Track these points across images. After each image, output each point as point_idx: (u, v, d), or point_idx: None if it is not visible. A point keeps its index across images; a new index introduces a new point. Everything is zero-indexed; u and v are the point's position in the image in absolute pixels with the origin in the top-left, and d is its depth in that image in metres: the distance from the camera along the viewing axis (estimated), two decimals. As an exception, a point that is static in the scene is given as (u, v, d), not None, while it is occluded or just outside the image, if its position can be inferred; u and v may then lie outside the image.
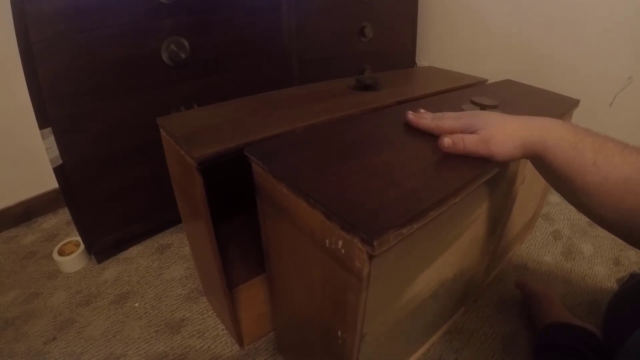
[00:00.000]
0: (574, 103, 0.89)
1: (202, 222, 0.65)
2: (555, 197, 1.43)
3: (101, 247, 1.11)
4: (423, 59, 1.87)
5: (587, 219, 0.55)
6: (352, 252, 0.42)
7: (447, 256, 0.65)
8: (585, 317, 0.95)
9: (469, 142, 0.54)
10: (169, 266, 1.12)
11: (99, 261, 1.12)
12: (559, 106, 0.86)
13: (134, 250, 1.18)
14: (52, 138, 0.88)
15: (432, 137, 0.60)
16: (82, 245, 1.09)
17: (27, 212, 1.29)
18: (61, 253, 1.09)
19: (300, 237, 0.53)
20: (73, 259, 1.08)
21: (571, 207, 0.56)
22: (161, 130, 0.70)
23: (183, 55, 0.99)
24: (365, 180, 0.49)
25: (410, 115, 0.65)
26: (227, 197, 0.84)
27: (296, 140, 0.62)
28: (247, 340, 0.88)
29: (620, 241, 0.52)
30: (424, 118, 0.63)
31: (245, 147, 0.58)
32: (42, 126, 0.86)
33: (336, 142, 0.61)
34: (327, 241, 0.46)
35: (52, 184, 1.02)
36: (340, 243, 0.43)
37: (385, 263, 0.45)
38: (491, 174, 0.55)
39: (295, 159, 0.55)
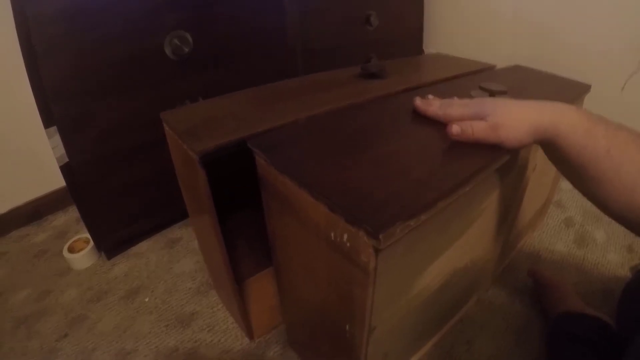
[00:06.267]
0: (585, 88, 0.87)
1: (207, 216, 0.64)
2: (566, 184, 1.40)
3: (111, 243, 1.11)
4: (430, 46, 1.84)
5: (600, 206, 0.54)
6: (358, 246, 0.41)
7: (457, 246, 0.64)
8: (598, 306, 0.94)
9: (477, 129, 0.53)
10: (178, 260, 1.12)
11: (109, 257, 1.13)
12: (569, 92, 0.84)
13: (143, 245, 1.18)
14: (57, 137, 0.88)
15: (439, 124, 0.59)
16: (92, 242, 1.10)
17: (37, 210, 1.30)
18: (71, 250, 1.10)
19: (305, 230, 0.52)
20: (83, 256, 1.09)
21: (583, 193, 0.55)
22: (164, 125, 0.69)
23: (186, 50, 0.98)
24: (371, 171, 0.47)
25: (418, 101, 0.64)
26: (235, 190, 0.84)
27: (300, 131, 0.61)
28: (257, 333, 0.88)
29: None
30: (432, 105, 0.61)
31: (248, 140, 0.58)
32: (47, 125, 0.86)
33: (341, 132, 0.60)
34: (332, 234, 0.45)
35: (61, 181, 1.03)
36: (345, 236, 0.42)
37: (392, 256, 0.44)
38: (502, 161, 0.54)
39: (299, 151, 0.54)
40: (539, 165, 0.84)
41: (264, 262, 0.79)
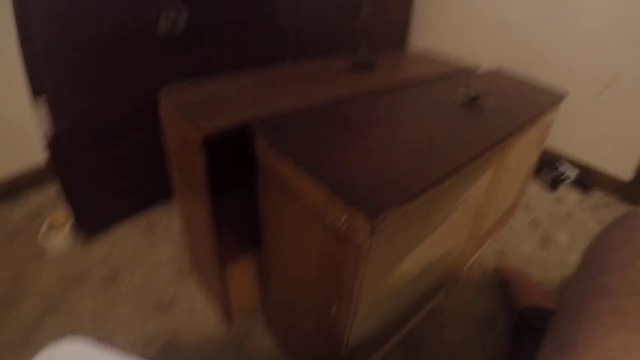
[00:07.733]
0: (562, 95, 0.92)
1: (201, 196, 0.66)
2: (535, 187, 1.47)
3: (92, 222, 1.09)
4: (418, 39, 1.90)
5: (565, 210, 0.57)
6: (355, 227, 0.44)
7: (434, 237, 0.68)
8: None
9: None
10: (158, 244, 1.12)
11: (88, 239, 1.11)
12: (546, 99, 0.89)
13: (122, 229, 1.17)
14: (44, 107, 0.86)
15: (431, 116, 0.62)
16: (71, 222, 1.08)
17: (13, 188, 1.24)
18: (49, 229, 1.07)
19: (301, 212, 0.55)
20: (61, 237, 1.07)
21: (550, 197, 0.59)
22: (163, 102, 0.70)
23: (180, 25, 0.98)
24: (368, 158, 0.51)
25: None
26: (221, 174, 0.85)
27: (300, 118, 0.64)
28: (237, 317, 0.90)
29: (595, 231, 0.54)
30: None
31: (250, 123, 0.60)
32: (35, 93, 0.84)
33: (340, 120, 0.63)
34: (329, 216, 0.48)
35: (39, 157, 0.96)
36: (343, 218, 0.45)
37: (383, 239, 0.47)
38: (490, 152, 0.58)
39: (300, 136, 0.57)
40: (512, 165, 0.89)
41: (246, 247, 0.81)
